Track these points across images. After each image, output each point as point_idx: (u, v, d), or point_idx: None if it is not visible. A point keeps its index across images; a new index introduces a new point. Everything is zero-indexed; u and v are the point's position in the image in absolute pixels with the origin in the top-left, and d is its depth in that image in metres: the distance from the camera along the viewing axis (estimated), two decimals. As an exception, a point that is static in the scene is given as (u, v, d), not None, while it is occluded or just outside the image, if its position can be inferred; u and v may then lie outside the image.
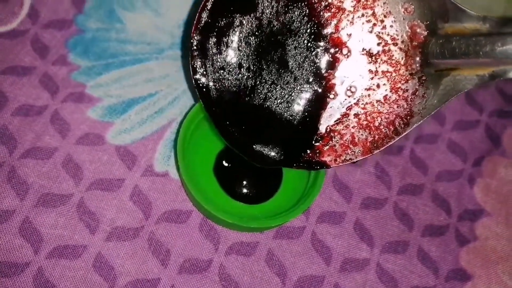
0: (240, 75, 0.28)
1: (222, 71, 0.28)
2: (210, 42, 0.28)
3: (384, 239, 0.33)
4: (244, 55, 0.28)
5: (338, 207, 0.34)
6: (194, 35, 0.28)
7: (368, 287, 0.32)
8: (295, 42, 0.28)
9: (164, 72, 0.35)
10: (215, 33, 0.28)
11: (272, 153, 0.29)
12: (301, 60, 0.28)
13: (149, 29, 0.36)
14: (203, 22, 0.28)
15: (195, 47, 0.28)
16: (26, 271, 0.28)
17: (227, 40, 0.28)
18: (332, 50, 0.28)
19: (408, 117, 0.27)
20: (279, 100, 0.29)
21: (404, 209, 0.35)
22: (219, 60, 0.28)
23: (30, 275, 0.28)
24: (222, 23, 0.28)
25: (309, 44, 0.28)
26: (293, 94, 0.29)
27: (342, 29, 0.28)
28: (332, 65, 0.28)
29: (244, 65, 0.28)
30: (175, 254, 0.30)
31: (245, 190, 0.32)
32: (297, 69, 0.29)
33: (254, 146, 0.29)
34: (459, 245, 0.35)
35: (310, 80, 0.29)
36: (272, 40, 0.28)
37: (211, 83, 0.28)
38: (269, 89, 0.29)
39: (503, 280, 0.34)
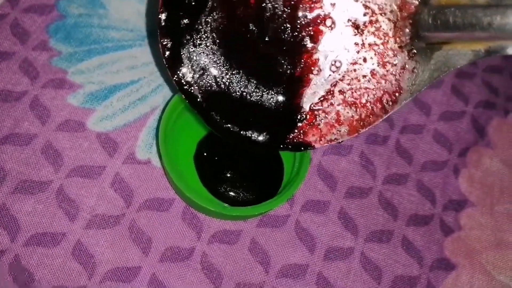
0: (218, 68, 0.27)
1: (201, 69, 0.27)
2: (182, 23, 0.26)
3: (369, 228, 0.33)
4: (221, 43, 0.27)
5: (323, 196, 0.33)
6: (162, 9, 0.26)
7: (352, 276, 0.31)
8: (272, 18, 0.26)
9: (147, 59, 0.35)
10: (185, 13, 0.26)
11: (259, 137, 0.28)
12: (281, 35, 0.26)
13: (132, 15, 0.36)
14: None
15: (163, 23, 0.26)
16: (2, 259, 0.27)
17: (200, 26, 0.27)
18: (314, 22, 0.26)
19: (397, 94, 0.26)
20: (260, 82, 0.27)
21: (388, 199, 0.34)
22: (196, 51, 0.27)
23: (6, 262, 0.27)
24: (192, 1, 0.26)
25: (288, 17, 0.26)
26: (274, 73, 0.27)
27: None
28: (315, 38, 0.26)
29: (220, 55, 0.27)
30: (156, 242, 0.30)
31: (230, 192, 0.31)
32: (277, 46, 0.27)
33: (238, 130, 0.28)
34: (444, 235, 0.34)
35: (291, 56, 0.27)
36: (248, 22, 0.27)
37: (188, 75, 0.27)
38: (250, 72, 0.27)
39: (487, 269, 0.34)
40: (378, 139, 0.36)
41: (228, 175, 0.32)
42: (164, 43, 0.27)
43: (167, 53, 0.27)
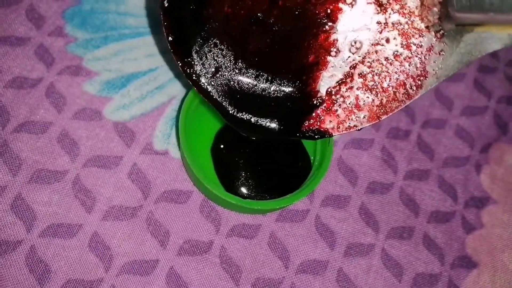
0: (228, 67, 0.26)
1: (214, 69, 0.25)
2: (188, 9, 0.25)
3: (390, 224, 0.32)
4: (229, 38, 0.25)
5: (343, 190, 0.33)
6: None
7: (372, 273, 0.31)
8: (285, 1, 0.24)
9: (165, 47, 0.34)
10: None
11: (272, 125, 0.26)
12: (294, 17, 0.24)
13: (150, 1, 0.35)
14: None
15: (167, 4, 0.24)
16: (18, 250, 0.27)
17: (207, 17, 0.25)
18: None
19: (421, 78, 0.24)
20: (271, 75, 0.26)
21: (410, 195, 0.34)
22: (205, 46, 0.25)
23: (22, 253, 0.27)
24: None
25: None
26: (286, 62, 0.25)
27: None
28: (334, 17, 0.24)
29: (230, 53, 0.25)
30: (174, 235, 0.29)
31: (244, 189, 0.30)
32: (289, 30, 0.25)
33: (249, 119, 0.26)
34: (465, 232, 0.34)
35: (306, 38, 0.25)
36: (256, 11, 0.25)
37: (201, 73, 0.26)
38: (260, 67, 0.26)
39: (509, 268, 0.33)
40: (399, 134, 0.35)
41: (245, 170, 0.31)
42: (167, 26, 0.25)
43: (171, 38, 0.25)
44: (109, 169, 0.30)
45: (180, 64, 0.25)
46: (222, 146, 0.31)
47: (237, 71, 0.26)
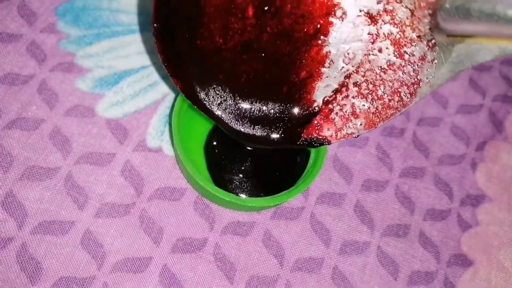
0: (227, 91, 0.26)
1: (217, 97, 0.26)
2: (181, 35, 0.26)
3: (385, 222, 0.32)
4: (224, 58, 0.26)
5: (338, 188, 0.32)
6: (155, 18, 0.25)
7: (368, 271, 0.31)
8: (277, 12, 0.25)
9: (159, 45, 0.34)
10: (181, 23, 0.25)
11: (273, 136, 0.27)
12: (286, 36, 0.25)
13: (143, -1, 0.35)
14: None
15: (158, 33, 0.25)
16: (9, 247, 0.26)
17: (199, 45, 0.25)
18: (322, 14, 0.25)
19: (415, 86, 0.25)
20: (265, 100, 0.26)
21: (405, 192, 0.33)
22: (204, 77, 0.26)
23: (13, 250, 0.26)
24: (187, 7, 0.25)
25: (291, 12, 0.25)
26: (281, 76, 0.26)
27: None
28: (325, 30, 0.25)
29: (227, 74, 0.26)
30: (168, 233, 0.29)
31: (237, 191, 0.30)
32: (282, 47, 0.25)
33: (254, 132, 0.27)
34: (461, 230, 0.33)
35: (299, 54, 0.25)
36: (249, 22, 0.25)
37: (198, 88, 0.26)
38: (256, 86, 0.26)
39: (505, 266, 0.33)
40: (394, 131, 0.35)
41: (238, 167, 0.31)
42: (162, 51, 0.26)
43: (167, 63, 0.26)
44: (102, 166, 0.29)
45: (179, 87, 0.26)
46: (215, 143, 0.31)
47: (237, 102, 0.26)
